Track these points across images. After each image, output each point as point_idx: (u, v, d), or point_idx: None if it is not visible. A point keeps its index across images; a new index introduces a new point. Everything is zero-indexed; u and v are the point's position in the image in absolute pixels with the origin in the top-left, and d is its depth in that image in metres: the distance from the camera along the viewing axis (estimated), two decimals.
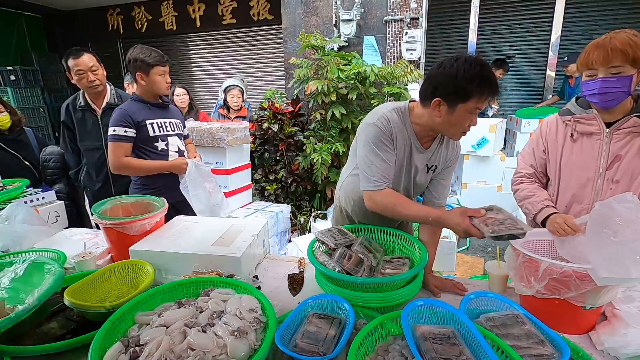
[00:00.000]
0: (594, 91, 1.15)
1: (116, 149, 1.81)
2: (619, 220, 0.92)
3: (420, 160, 1.28)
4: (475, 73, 1.05)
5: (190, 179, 1.88)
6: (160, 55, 1.85)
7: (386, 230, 1.37)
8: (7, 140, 2.33)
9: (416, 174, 1.32)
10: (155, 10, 6.02)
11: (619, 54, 1.08)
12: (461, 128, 1.15)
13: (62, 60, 2.11)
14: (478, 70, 1.05)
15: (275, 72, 5.69)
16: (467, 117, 1.12)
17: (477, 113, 1.12)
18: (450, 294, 1.23)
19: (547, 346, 0.81)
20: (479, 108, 1.10)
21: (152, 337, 0.82)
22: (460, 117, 1.11)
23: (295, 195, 3.84)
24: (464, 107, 1.09)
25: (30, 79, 6.11)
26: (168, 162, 1.93)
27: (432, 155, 1.30)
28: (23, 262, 1.09)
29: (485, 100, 1.09)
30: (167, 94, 1.94)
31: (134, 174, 1.95)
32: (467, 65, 1.05)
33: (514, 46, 5.21)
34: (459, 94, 1.08)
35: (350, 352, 0.78)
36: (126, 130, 1.81)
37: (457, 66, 1.06)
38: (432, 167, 1.32)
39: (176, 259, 1.28)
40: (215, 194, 1.99)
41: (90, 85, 2.10)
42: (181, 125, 2.09)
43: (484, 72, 1.05)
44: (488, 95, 1.08)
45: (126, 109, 1.83)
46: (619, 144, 1.19)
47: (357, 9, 3.76)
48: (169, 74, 1.91)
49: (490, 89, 1.07)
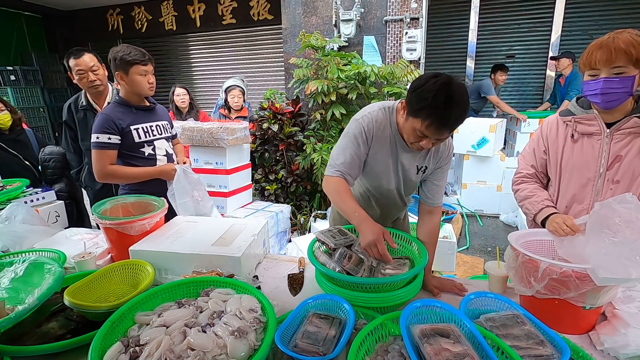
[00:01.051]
0: (596, 91, 1.14)
1: (101, 157, 1.72)
2: (618, 220, 0.92)
3: (408, 159, 1.28)
4: (428, 96, 1.01)
5: (177, 187, 1.81)
6: (140, 53, 1.74)
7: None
8: (7, 140, 2.33)
9: (405, 173, 1.32)
10: (155, 10, 6.02)
11: (622, 54, 1.08)
12: (411, 139, 1.14)
13: (63, 60, 2.10)
14: (432, 96, 1.00)
15: (275, 72, 5.70)
16: (413, 134, 1.11)
17: (427, 139, 1.09)
18: (450, 294, 1.23)
19: (547, 346, 0.81)
20: (424, 134, 1.07)
21: (152, 337, 0.82)
22: (410, 128, 1.12)
23: (295, 195, 3.84)
24: (412, 121, 1.09)
25: (30, 79, 6.11)
26: (156, 169, 1.86)
27: (421, 156, 1.29)
28: (23, 262, 1.09)
29: (432, 131, 1.05)
30: (149, 95, 1.84)
31: (121, 182, 1.89)
32: (430, 86, 1.01)
33: (514, 46, 5.21)
34: (411, 106, 1.08)
35: (350, 352, 0.78)
36: (110, 137, 1.72)
37: (427, 82, 1.03)
38: (422, 167, 1.31)
39: (176, 259, 1.28)
40: (204, 203, 1.92)
41: (91, 85, 2.09)
42: (168, 126, 2.01)
43: (435, 103, 1.00)
44: (431, 126, 1.03)
45: (109, 114, 1.74)
46: (620, 144, 1.19)
47: (357, 9, 3.76)
48: (152, 73, 1.80)
49: (432, 121, 1.02)
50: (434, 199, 1.35)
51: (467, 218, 4.13)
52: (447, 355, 0.73)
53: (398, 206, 1.49)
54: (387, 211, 1.50)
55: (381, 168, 1.31)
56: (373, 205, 1.47)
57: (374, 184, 1.39)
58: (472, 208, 4.28)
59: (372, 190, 1.42)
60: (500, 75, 4.53)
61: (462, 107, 1.02)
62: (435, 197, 1.35)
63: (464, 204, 4.32)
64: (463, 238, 3.68)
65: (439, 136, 1.08)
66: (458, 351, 0.74)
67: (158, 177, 1.85)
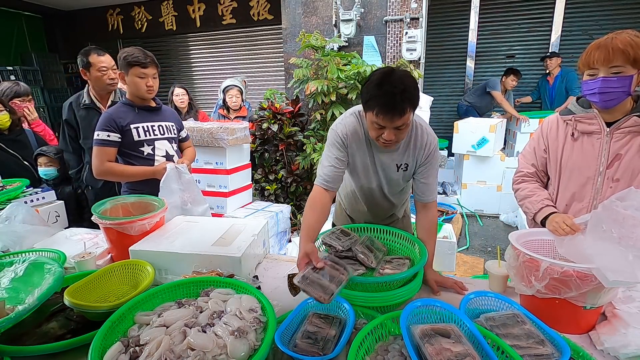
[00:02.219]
0: (594, 90, 1.16)
1: (99, 153, 1.77)
2: (621, 220, 0.91)
3: (385, 158, 1.32)
4: (370, 87, 1.09)
5: (164, 185, 1.77)
6: (143, 55, 1.76)
7: (387, 230, 1.38)
8: (6, 140, 2.32)
9: (385, 172, 1.36)
10: (155, 10, 6.02)
11: (619, 54, 1.09)
12: (373, 135, 1.18)
13: (80, 56, 2.12)
14: (373, 85, 1.08)
15: (275, 72, 5.70)
16: (373, 128, 1.15)
17: (385, 130, 1.12)
18: (450, 294, 1.23)
19: (547, 346, 0.81)
20: (379, 124, 1.11)
21: (152, 337, 0.82)
22: (369, 124, 1.16)
23: (295, 195, 3.84)
24: (368, 116, 1.14)
25: (30, 79, 6.10)
26: (150, 168, 1.86)
27: (399, 154, 1.31)
28: (23, 262, 1.09)
29: (382, 119, 1.09)
30: (146, 97, 1.84)
31: (116, 180, 1.91)
32: (374, 79, 1.09)
33: (514, 46, 5.21)
34: (364, 102, 1.14)
35: (351, 352, 0.78)
36: (109, 134, 1.77)
37: (373, 76, 1.11)
38: (402, 165, 1.33)
39: (176, 259, 1.28)
40: (195, 206, 1.88)
41: (110, 82, 2.15)
42: (174, 127, 2.01)
43: (377, 91, 1.07)
44: (379, 110, 1.08)
45: (111, 114, 1.79)
46: (620, 142, 1.19)
47: (357, 9, 3.76)
48: (153, 76, 1.81)
49: (379, 105, 1.07)
50: (424, 196, 1.36)
51: (467, 218, 4.12)
52: (449, 355, 0.73)
53: (385, 205, 1.52)
54: (374, 209, 1.55)
55: (361, 169, 1.37)
56: (361, 203, 1.54)
57: (357, 184, 1.46)
58: (472, 208, 4.28)
59: (357, 189, 1.49)
60: (511, 79, 4.50)
61: (403, 90, 1.05)
62: (425, 195, 1.36)
63: (464, 204, 4.32)
64: (463, 238, 3.68)
65: (391, 122, 1.10)
66: (459, 351, 0.74)
67: (152, 177, 1.84)
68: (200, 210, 1.93)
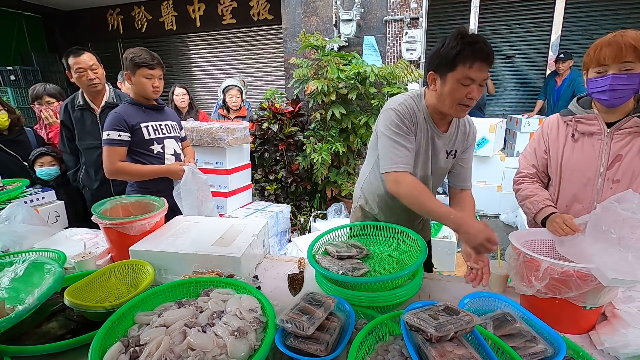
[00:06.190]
0: (604, 88, 1.14)
1: (110, 153, 1.77)
2: (621, 220, 0.91)
3: (441, 145, 1.32)
4: (457, 41, 1.09)
5: (185, 188, 1.82)
6: (150, 57, 1.79)
7: (388, 227, 1.35)
8: (5, 141, 2.32)
9: (437, 160, 1.35)
10: (155, 10, 6.01)
11: (632, 50, 1.09)
12: (458, 100, 1.16)
13: (62, 59, 2.12)
14: (460, 38, 1.09)
15: (275, 72, 5.69)
16: (460, 88, 1.13)
17: (474, 84, 1.12)
18: (449, 294, 1.22)
19: (540, 342, 0.81)
20: (471, 78, 1.11)
21: (152, 337, 0.82)
22: (453, 88, 1.14)
23: (295, 195, 3.84)
24: (453, 76, 1.12)
25: (30, 79, 6.09)
26: (164, 167, 1.89)
27: (450, 140, 1.32)
28: (23, 262, 1.09)
29: (476, 69, 1.09)
30: (152, 97, 1.87)
31: (128, 179, 1.91)
32: (451, 36, 1.11)
33: (514, 46, 5.21)
34: (447, 64, 1.12)
35: (351, 352, 0.78)
36: (120, 134, 1.78)
37: (445, 41, 1.12)
38: (452, 152, 1.34)
39: (176, 259, 1.27)
40: (206, 204, 1.93)
41: (89, 83, 2.10)
42: (177, 127, 2.05)
43: (466, 40, 1.08)
44: (474, 60, 1.08)
45: (120, 113, 1.80)
46: (620, 143, 1.19)
47: (357, 9, 3.76)
48: (159, 77, 1.84)
49: (474, 53, 1.08)
50: (465, 182, 1.39)
51: None
52: (452, 357, 0.73)
53: None
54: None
55: (418, 153, 1.31)
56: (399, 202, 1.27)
57: None
58: None
59: None
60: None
61: (483, 39, 1.09)
62: (466, 180, 1.39)
63: None
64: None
65: (484, 73, 1.11)
66: (462, 353, 0.74)
67: (165, 175, 1.89)
68: (211, 206, 1.99)
